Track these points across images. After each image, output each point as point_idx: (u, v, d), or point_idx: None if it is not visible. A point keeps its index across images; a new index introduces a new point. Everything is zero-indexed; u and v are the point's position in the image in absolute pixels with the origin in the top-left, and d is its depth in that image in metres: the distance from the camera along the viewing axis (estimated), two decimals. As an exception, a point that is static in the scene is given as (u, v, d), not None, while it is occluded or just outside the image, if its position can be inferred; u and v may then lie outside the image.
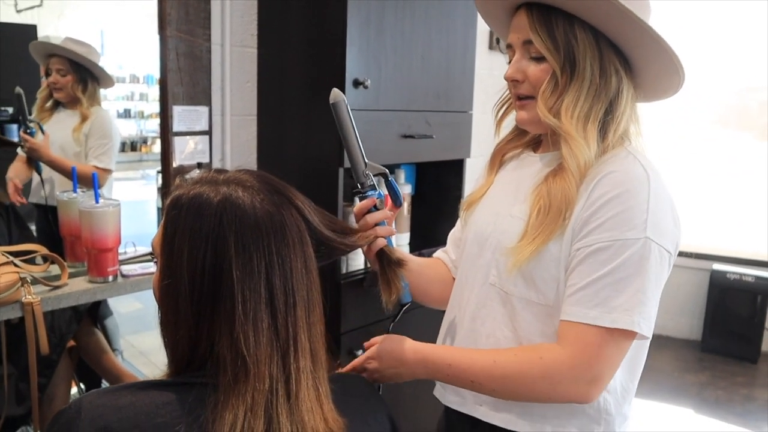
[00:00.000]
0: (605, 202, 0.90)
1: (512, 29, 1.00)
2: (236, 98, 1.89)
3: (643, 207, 0.89)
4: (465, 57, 2.10)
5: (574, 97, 0.95)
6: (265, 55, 1.92)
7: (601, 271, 0.88)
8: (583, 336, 0.88)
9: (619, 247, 0.88)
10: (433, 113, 2.01)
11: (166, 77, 1.67)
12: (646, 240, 0.88)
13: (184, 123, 1.73)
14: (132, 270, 1.62)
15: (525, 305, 0.98)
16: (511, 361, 0.92)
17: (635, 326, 0.87)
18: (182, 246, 0.72)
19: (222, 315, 0.71)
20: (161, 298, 0.75)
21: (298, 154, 1.86)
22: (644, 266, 0.88)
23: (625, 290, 0.87)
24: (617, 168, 0.93)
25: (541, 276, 0.96)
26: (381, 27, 1.76)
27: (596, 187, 0.92)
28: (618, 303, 0.87)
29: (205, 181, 0.77)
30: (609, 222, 0.89)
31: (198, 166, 1.75)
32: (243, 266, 0.71)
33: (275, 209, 0.75)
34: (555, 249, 0.94)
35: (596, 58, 0.95)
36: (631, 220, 0.88)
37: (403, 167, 2.25)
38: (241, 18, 1.86)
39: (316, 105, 1.78)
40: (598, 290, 0.88)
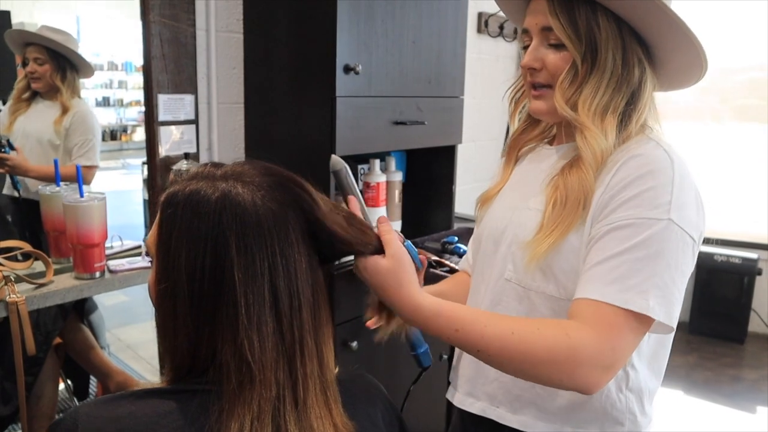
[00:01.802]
0: (628, 183, 0.86)
1: (529, 13, 0.95)
2: (222, 86, 1.83)
3: (668, 189, 0.84)
4: (456, 41, 2.06)
5: (593, 89, 0.90)
6: (251, 41, 1.86)
7: (620, 248, 0.82)
8: (605, 316, 0.80)
9: (640, 225, 0.82)
10: (425, 99, 1.98)
11: (150, 65, 1.61)
12: (669, 222, 0.82)
13: (170, 112, 1.67)
14: (120, 265, 1.57)
15: (544, 300, 0.94)
16: (532, 333, 0.80)
17: (650, 311, 0.79)
18: (179, 247, 0.69)
19: (224, 320, 0.67)
20: (158, 301, 0.71)
21: (288, 143, 1.82)
22: (665, 249, 0.82)
23: (642, 270, 0.81)
24: (640, 152, 0.88)
25: (561, 268, 0.91)
26: (371, 11, 1.71)
27: (618, 171, 0.88)
28: (633, 283, 0.80)
29: (202, 176, 0.73)
30: (631, 201, 0.84)
31: (185, 157, 1.70)
32: (245, 268, 0.67)
33: (277, 206, 0.71)
34: (575, 240, 0.89)
35: (619, 47, 0.91)
36: (655, 199, 0.83)
37: (393, 154, 2.21)
38: (227, 2, 1.80)
39: (305, 92, 1.73)
40: (615, 267, 0.82)
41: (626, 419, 0.94)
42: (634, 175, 0.86)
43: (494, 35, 2.91)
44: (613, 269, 0.82)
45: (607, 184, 0.88)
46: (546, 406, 0.95)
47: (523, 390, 0.97)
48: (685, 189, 0.85)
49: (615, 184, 0.87)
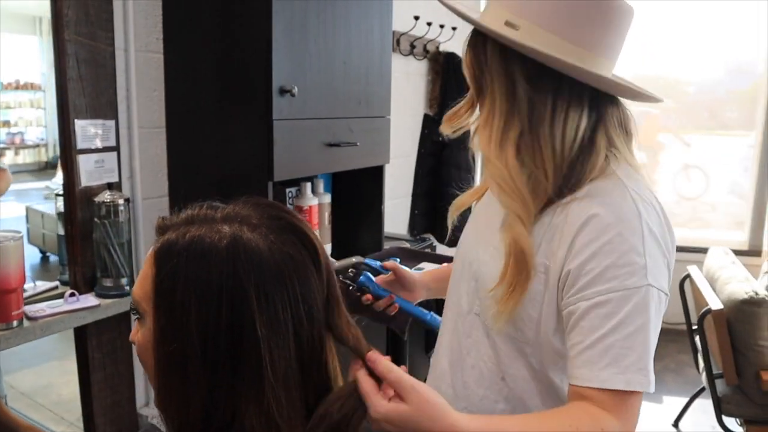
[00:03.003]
0: (597, 250, 0.83)
1: None
2: (143, 109, 1.71)
3: (640, 250, 0.82)
4: (382, 60, 2.06)
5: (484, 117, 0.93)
6: (172, 61, 1.75)
7: (606, 327, 0.81)
8: (616, 400, 0.80)
9: (621, 298, 0.81)
10: (355, 120, 1.96)
11: (66, 87, 1.46)
12: (648, 287, 0.82)
13: (89, 139, 1.53)
14: (39, 310, 1.41)
15: (506, 340, 0.95)
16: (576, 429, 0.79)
17: (649, 386, 0.81)
18: (188, 303, 0.61)
19: (246, 379, 0.60)
20: (163, 364, 0.63)
21: (216, 169, 1.72)
22: (648, 316, 0.82)
23: (634, 347, 0.80)
24: (606, 205, 0.85)
25: (520, 317, 0.92)
26: (304, 30, 1.67)
27: (585, 229, 0.85)
28: (630, 362, 0.80)
29: (199, 219, 0.65)
30: (606, 272, 0.82)
31: (108, 188, 1.56)
32: (269, 322, 0.61)
33: (294, 250, 0.65)
34: (534, 292, 0.89)
35: (502, 74, 0.90)
36: (629, 266, 0.82)
37: (321, 176, 2.17)
38: (145, 20, 1.68)
39: (236, 115, 1.65)
40: (608, 348, 0.81)
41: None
42: (604, 238, 0.83)
43: (405, 53, 2.95)
44: (606, 351, 0.81)
45: (570, 244, 0.86)
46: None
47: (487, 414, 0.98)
48: (653, 242, 0.84)
49: (581, 248, 0.84)
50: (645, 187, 0.90)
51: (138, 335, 0.67)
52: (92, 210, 1.53)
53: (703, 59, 4.49)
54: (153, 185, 1.77)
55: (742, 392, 2.37)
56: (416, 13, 2.81)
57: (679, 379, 3.44)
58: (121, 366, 1.70)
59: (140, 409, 1.80)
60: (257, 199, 0.70)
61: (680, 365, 3.58)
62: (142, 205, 1.72)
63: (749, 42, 4.14)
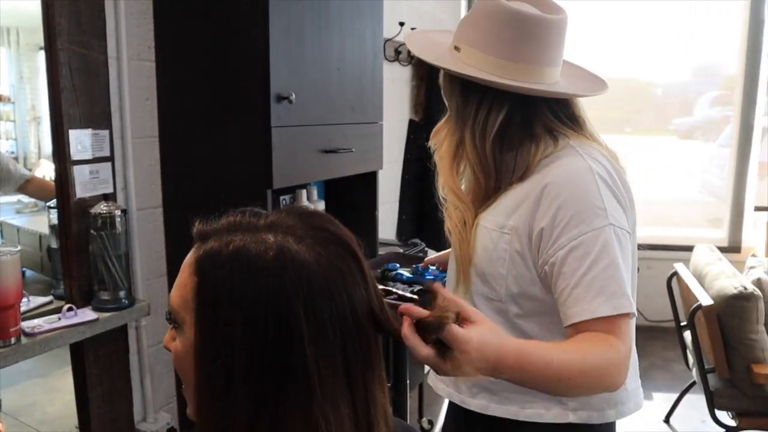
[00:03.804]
0: (560, 205, 0.96)
1: None
2: (136, 118, 1.68)
3: (597, 197, 0.96)
4: (374, 66, 2.06)
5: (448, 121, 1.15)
6: (164, 69, 1.72)
7: (585, 265, 0.92)
8: (612, 325, 0.90)
9: (592, 238, 0.93)
10: (349, 126, 1.95)
11: (60, 97, 1.43)
12: (611, 226, 0.94)
13: (84, 149, 1.49)
14: (36, 327, 1.37)
15: (483, 300, 1.09)
16: (594, 352, 0.88)
17: (632, 308, 0.92)
18: (233, 315, 0.59)
19: (292, 397, 0.58)
20: (205, 381, 0.60)
21: (212, 178, 1.69)
22: (617, 252, 0.93)
23: (614, 276, 0.92)
24: (560, 170, 1.00)
25: (490, 273, 1.06)
26: (301, 37, 1.66)
27: (544, 194, 0.99)
28: (613, 290, 0.91)
29: (242, 227, 0.63)
30: (572, 220, 0.95)
31: (104, 198, 1.52)
32: (317, 338, 0.59)
33: (342, 262, 0.63)
34: (501, 251, 1.04)
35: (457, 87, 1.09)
36: (591, 210, 0.95)
37: (314, 184, 2.16)
38: (137, 28, 1.66)
39: (232, 123, 1.63)
40: (591, 282, 0.92)
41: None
42: (564, 195, 0.97)
43: (391, 59, 2.95)
44: (589, 286, 0.92)
45: (537, 207, 0.99)
46: (496, 389, 1.09)
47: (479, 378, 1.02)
48: (606, 189, 0.98)
49: (547, 207, 0.98)
50: (595, 149, 1.04)
51: (176, 344, 0.64)
52: (88, 222, 1.49)
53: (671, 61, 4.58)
54: (147, 196, 1.74)
55: (734, 386, 2.41)
56: (401, 20, 2.82)
57: (668, 375, 3.48)
58: (119, 381, 1.66)
59: (138, 425, 1.76)
60: (299, 207, 0.69)
61: (667, 362, 3.64)
62: (136, 216, 1.69)
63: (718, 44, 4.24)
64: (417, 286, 1.70)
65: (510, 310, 1.06)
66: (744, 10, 3.91)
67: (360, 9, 1.94)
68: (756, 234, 4.08)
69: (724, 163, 4.34)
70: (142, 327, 1.73)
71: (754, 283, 2.41)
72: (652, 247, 4.04)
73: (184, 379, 0.65)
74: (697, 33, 4.37)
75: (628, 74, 4.73)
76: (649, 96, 4.90)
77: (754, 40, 3.88)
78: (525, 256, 1.02)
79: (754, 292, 2.30)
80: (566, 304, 0.94)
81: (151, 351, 1.78)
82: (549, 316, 1.02)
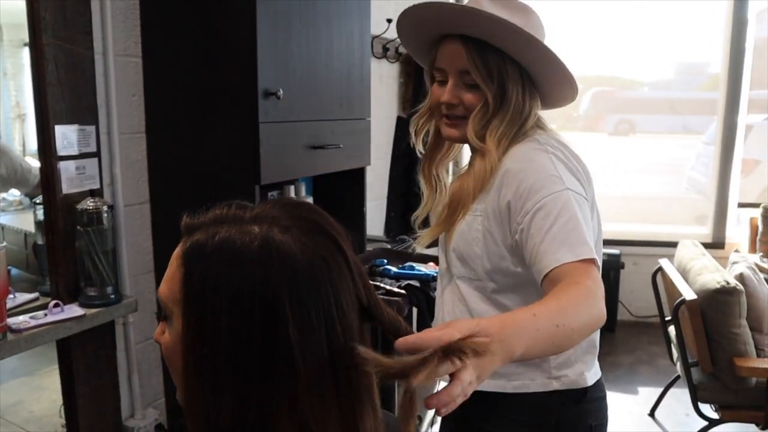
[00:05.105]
0: (521, 179, 1.06)
1: (445, 55, 1.14)
2: (122, 114, 1.67)
3: (551, 166, 1.06)
4: (362, 63, 2.07)
5: (499, 122, 1.12)
6: (151, 65, 1.72)
7: (548, 223, 1.00)
8: (578, 268, 0.95)
9: (552, 200, 1.02)
10: (337, 122, 1.95)
11: (45, 92, 1.42)
12: (568, 191, 1.03)
13: (70, 145, 1.49)
14: (22, 323, 1.36)
15: (464, 282, 1.19)
16: (572, 297, 0.90)
17: (592, 253, 0.98)
18: (219, 306, 0.59)
19: (278, 387, 0.59)
20: (193, 371, 0.61)
21: (199, 174, 1.69)
22: (575, 210, 1.01)
23: (574, 230, 0.99)
24: (518, 156, 1.11)
25: (468, 254, 1.16)
26: (288, 33, 1.66)
27: (506, 177, 1.09)
28: (573, 240, 0.98)
29: (228, 220, 0.63)
30: (533, 188, 1.04)
31: (90, 194, 1.52)
32: (302, 327, 0.59)
33: (327, 252, 0.63)
34: (475, 232, 1.14)
35: (520, 86, 1.13)
36: (548, 178, 1.04)
37: (302, 180, 2.16)
38: (123, 23, 1.65)
39: (219, 119, 1.63)
40: (554, 236, 0.99)
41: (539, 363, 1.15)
42: (523, 171, 1.07)
43: (379, 56, 2.96)
44: (554, 239, 0.99)
45: (500, 187, 1.09)
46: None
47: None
48: (562, 165, 1.08)
49: (509, 184, 1.08)
50: (551, 137, 1.15)
51: (166, 336, 0.65)
52: (74, 218, 1.49)
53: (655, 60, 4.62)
54: (134, 191, 1.74)
55: (717, 379, 2.44)
56: (389, 16, 2.82)
57: (652, 370, 3.52)
58: (106, 378, 1.66)
59: (126, 421, 1.76)
60: (285, 199, 0.69)
61: (653, 356, 3.68)
62: (123, 212, 1.68)
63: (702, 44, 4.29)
64: (404, 281, 1.71)
65: (488, 286, 1.16)
66: (727, 9, 3.95)
67: (347, 6, 1.95)
68: (739, 230, 4.13)
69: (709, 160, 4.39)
70: (129, 323, 1.73)
71: (736, 278, 2.44)
72: (638, 243, 4.09)
73: (173, 371, 0.65)
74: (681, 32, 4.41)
75: (613, 73, 4.78)
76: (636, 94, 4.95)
77: (738, 39, 3.93)
78: (494, 233, 1.11)
79: (737, 287, 2.34)
80: (536, 260, 1.00)
81: (138, 347, 1.78)
82: (523, 288, 1.12)
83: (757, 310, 2.45)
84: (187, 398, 0.62)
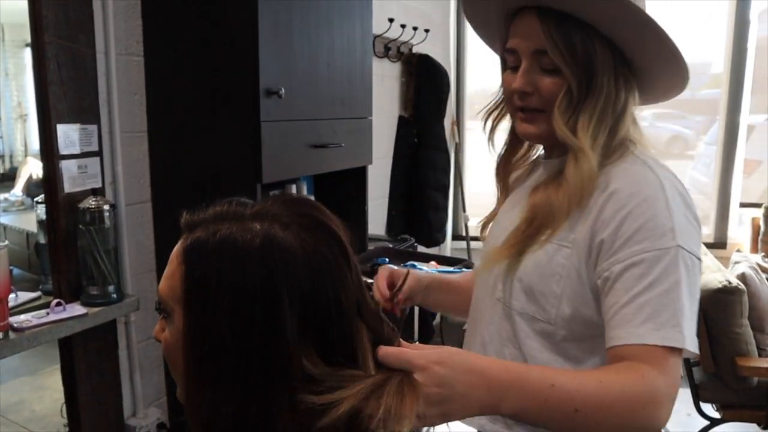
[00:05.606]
0: (625, 216, 0.85)
1: (517, 34, 0.92)
2: (124, 113, 1.67)
3: (666, 214, 0.85)
4: (363, 62, 2.07)
5: (590, 113, 0.89)
6: (153, 64, 1.72)
7: (640, 286, 0.82)
8: (655, 355, 0.80)
9: (653, 258, 0.83)
10: (339, 121, 1.95)
11: (47, 91, 1.42)
12: (678, 248, 0.83)
13: (72, 144, 1.49)
14: (25, 322, 1.37)
15: (525, 320, 0.95)
16: (616, 381, 0.77)
17: (685, 343, 0.80)
18: (220, 304, 0.59)
19: (279, 383, 0.59)
20: (194, 368, 0.61)
21: (201, 172, 1.69)
22: (681, 277, 0.83)
23: (668, 305, 0.81)
24: (628, 178, 0.89)
25: (541, 291, 0.92)
26: (290, 32, 1.66)
27: (609, 203, 0.87)
28: (664, 319, 0.81)
29: (229, 216, 0.63)
30: (636, 235, 0.84)
31: (92, 193, 1.52)
32: (302, 324, 0.60)
33: (327, 249, 0.63)
34: (556, 266, 0.90)
35: (612, 71, 0.90)
36: (658, 228, 0.84)
37: (303, 179, 2.16)
38: (125, 23, 1.65)
39: (221, 118, 1.63)
40: (642, 306, 0.82)
41: None
42: (630, 206, 0.86)
43: (380, 56, 2.96)
44: (641, 309, 0.82)
45: (598, 215, 0.88)
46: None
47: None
48: (678, 209, 0.86)
49: (610, 218, 0.87)
50: (658, 161, 0.93)
51: (165, 334, 0.65)
52: (76, 217, 1.49)
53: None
54: (136, 190, 1.74)
55: (719, 379, 2.44)
56: (390, 16, 2.82)
57: (654, 370, 3.51)
58: (108, 376, 1.66)
59: (128, 420, 1.76)
60: (285, 195, 0.69)
61: (654, 357, 3.67)
62: (125, 211, 1.69)
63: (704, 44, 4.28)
64: None
65: (557, 333, 0.93)
66: (729, 9, 3.95)
67: (349, 5, 1.95)
68: (741, 230, 4.13)
69: (711, 161, 4.38)
70: (131, 322, 1.73)
71: (738, 278, 2.44)
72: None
73: (173, 368, 0.65)
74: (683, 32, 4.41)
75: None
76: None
77: (740, 39, 3.92)
78: (582, 273, 0.90)
79: (738, 287, 2.33)
80: (611, 324, 0.84)
81: (140, 346, 1.78)
82: (601, 338, 0.88)
83: (758, 310, 2.45)
84: (188, 396, 0.62)
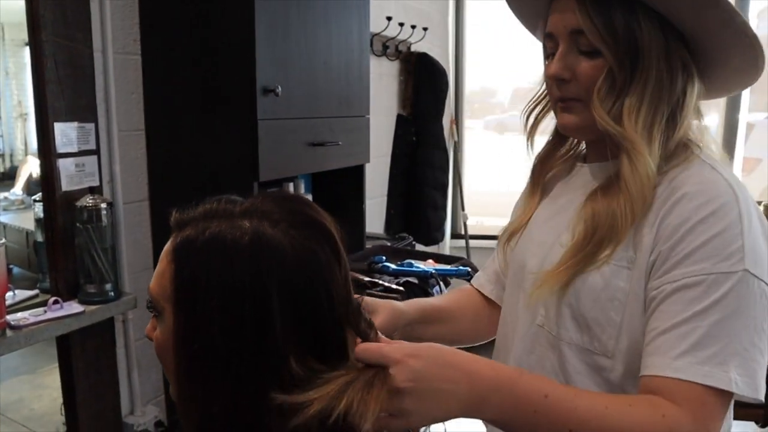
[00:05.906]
0: (690, 229, 0.73)
1: (554, 12, 0.81)
2: (122, 112, 1.68)
3: (736, 231, 0.72)
4: (361, 60, 2.07)
5: (637, 99, 0.77)
6: (150, 63, 1.72)
7: (689, 311, 0.70)
8: (690, 394, 0.68)
9: (712, 282, 0.70)
10: (336, 119, 1.96)
11: (45, 90, 1.43)
12: (745, 273, 0.70)
13: (70, 142, 1.49)
14: (22, 319, 1.37)
15: (576, 352, 0.81)
16: (626, 412, 0.67)
17: (732, 385, 0.67)
18: (210, 302, 0.59)
19: (269, 380, 0.60)
20: (185, 366, 0.61)
21: (198, 171, 1.70)
22: (742, 307, 0.70)
23: (719, 337, 0.68)
24: (696, 185, 0.75)
25: (596, 319, 0.78)
26: (287, 30, 1.66)
27: (673, 211, 0.75)
28: (710, 353, 0.68)
29: (218, 214, 0.63)
30: (697, 252, 0.72)
31: (90, 191, 1.53)
32: (292, 321, 0.60)
33: (317, 246, 0.63)
34: (615, 290, 0.77)
35: (662, 50, 0.77)
36: (725, 248, 0.71)
37: (301, 177, 2.16)
38: (122, 21, 1.66)
39: (218, 116, 1.64)
40: (686, 334, 0.69)
41: None
42: (696, 218, 0.73)
43: (378, 54, 2.96)
44: (683, 337, 0.70)
45: (659, 225, 0.75)
46: None
47: None
48: (753, 227, 0.73)
49: (672, 229, 0.74)
50: (732, 172, 0.80)
51: (157, 333, 0.65)
52: (74, 215, 1.49)
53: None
54: (134, 189, 1.74)
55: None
56: (389, 14, 2.83)
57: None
58: (106, 374, 1.67)
59: (125, 418, 1.76)
60: (276, 192, 0.69)
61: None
62: (123, 209, 1.69)
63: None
64: (403, 278, 1.71)
65: (615, 369, 0.78)
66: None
67: (346, 3, 1.95)
68: (740, 228, 4.14)
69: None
70: (129, 320, 1.74)
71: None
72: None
73: (165, 367, 0.66)
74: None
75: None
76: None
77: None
78: (639, 296, 0.76)
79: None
80: (647, 350, 0.72)
81: (138, 344, 1.78)
82: None
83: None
84: (180, 394, 0.63)
